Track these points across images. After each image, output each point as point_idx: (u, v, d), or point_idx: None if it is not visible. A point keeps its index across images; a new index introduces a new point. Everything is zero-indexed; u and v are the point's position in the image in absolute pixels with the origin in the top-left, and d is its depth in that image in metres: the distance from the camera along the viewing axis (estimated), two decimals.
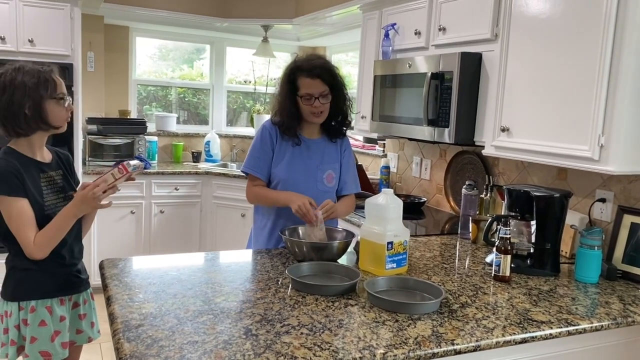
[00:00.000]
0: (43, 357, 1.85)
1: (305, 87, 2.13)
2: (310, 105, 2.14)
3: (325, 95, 2.14)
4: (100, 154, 4.41)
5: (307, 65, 2.15)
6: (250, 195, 2.28)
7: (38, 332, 1.85)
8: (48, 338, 1.86)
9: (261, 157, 2.24)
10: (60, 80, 1.86)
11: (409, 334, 1.40)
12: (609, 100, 1.87)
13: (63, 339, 1.91)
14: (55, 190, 1.90)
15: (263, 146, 2.23)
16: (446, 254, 2.26)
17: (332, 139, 2.30)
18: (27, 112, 1.77)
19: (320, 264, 1.89)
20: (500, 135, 2.34)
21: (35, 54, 3.69)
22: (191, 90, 5.46)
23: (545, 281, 1.95)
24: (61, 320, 1.91)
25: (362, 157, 4.24)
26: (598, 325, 1.58)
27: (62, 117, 1.86)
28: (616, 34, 1.84)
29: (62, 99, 1.84)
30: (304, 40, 5.37)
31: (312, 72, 2.13)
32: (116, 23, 4.84)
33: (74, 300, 2.00)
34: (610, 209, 2.24)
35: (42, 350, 1.85)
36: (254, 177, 2.25)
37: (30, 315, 1.85)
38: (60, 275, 1.92)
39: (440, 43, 2.77)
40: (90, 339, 2.07)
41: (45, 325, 1.86)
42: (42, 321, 1.85)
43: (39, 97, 1.78)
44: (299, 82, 2.15)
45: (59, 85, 1.84)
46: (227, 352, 1.25)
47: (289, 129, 2.21)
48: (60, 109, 1.84)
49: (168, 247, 4.34)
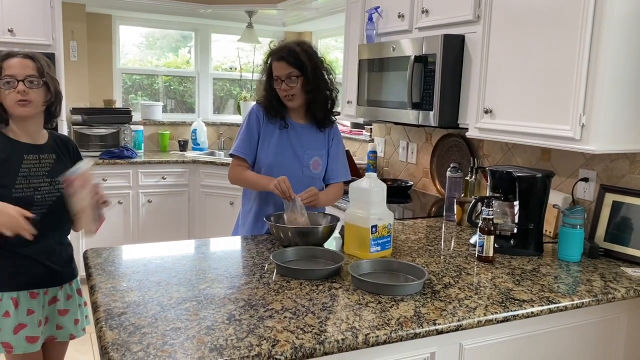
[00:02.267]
0: (4, 347, 1.81)
1: (275, 70, 2.16)
2: (279, 88, 2.16)
3: (292, 78, 2.14)
4: (86, 144, 4.38)
5: (277, 49, 2.18)
6: (232, 176, 2.30)
7: (0, 323, 1.81)
8: (11, 330, 1.82)
9: (246, 139, 2.25)
10: (12, 64, 1.78)
11: (391, 315, 1.42)
12: (590, 80, 1.88)
13: (30, 332, 1.86)
14: (40, 174, 1.85)
15: (249, 129, 2.25)
16: (431, 236, 2.27)
17: (321, 129, 2.30)
18: None
19: (305, 249, 1.89)
20: (483, 117, 2.34)
21: (15, 43, 3.64)
22: (177, 78, 5.42)
23: (529, 261, 1.97)
24: (29, 314, 1.86)
25: (350, 142, 4.24)
26: (579, 303, 1.60)
27: (11, 100, 1.78)
28: (595, 16, 1.84)
29: (6, 82, 1.77)
30: (289, 25, 5.33)
31: (277, 55, 2.16)
32: (98, 11, 4.77)
33: (51, 295, 1.94)
34: (592, 188, 2.26)
35: (4, 341, 1.81)
36: (238, 158, 2.27)
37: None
38: (30, 268, 1.86)
39: (424, 26, 2.76)
40: (72, 336, 2.02)
41: (8, 317, 1.82)
42: (5, 312, 1.82)
43: None
44: (272, 66, 2.17)
45: (4, 70, 1.77)
46: (209, 338, 1.26)
47: (272, 110, 2.22)
48: (5, 93, 1.78)
49: (157, 236, 4.33)
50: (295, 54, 2.14)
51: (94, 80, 4.82)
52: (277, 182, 2.07)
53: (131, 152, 4.43)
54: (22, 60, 1.81)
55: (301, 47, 2.17)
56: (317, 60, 2.19)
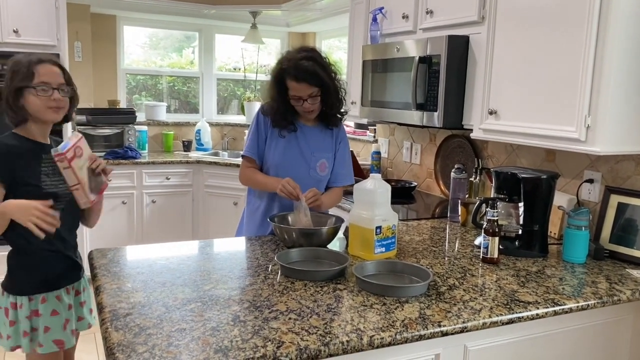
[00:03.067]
0: (57, 345, 1.88)
1: (293, 90, 2.13)
2: (299, 106, 2.16)
3: (314, 97, 2.14)
4: (90, 144, 4.25)
5: (293, 69, 2.10)
6: (242, 177, 2.32)
7: (51, 322, 1.88)
8: (61, 326, 1.90)
9: (254, 139, 2.27)
10: (43, 72, 1.82)
11: (396, 317, 1.41)
12: (595, 81, 1.87)
13: (72, 326, 1.95)
14: (57, 172, 1.85)
15: (257, 129, 2.27)
16: (435, 238, 2.27)
17: (329, 126, 2.30)
18: (10, 101, 1.79)
19: (310, 250, 1.89)
20: (488, 118, 2.34)
21: (20, 44, 3.66)
22: (181, 78, 5.43)
23: (534, 262, 1.96)
24: (69, 309, 1.95)
25: (354, 143, 4.23)
26: (584, 305, 1.60)
27: (40, 107, 1.81)
28: (601, 15, 1.84)
29: (43, 89, 1.80)
30: (293, 26, 5.33)
31: (297, 77, 2.10)
32: (103, 12, 4.79)
33: (75, 288, 2.02)
34: (598, 189, 2.26)
35: (56, 339, 1.88)
36: (248, 159, 2.29)
37: (41, 305, 1.87)
38: (63, 265, 1.94)
39: (428, 26, 2.76)
40: (89, 325, 2.09)
41: (57, 314, 1.89)
42: (53, 310, 1.89)
43: (14, 87, 1.79)
44: (287, 83, 2.14)
45: (37, 76, 1.80)
46: (214, 339, 1.26)
47: (283, 120, 2.21)
48: (39, 99, 1.80)
49: (161, 236, 4.34)
50: (316, 74, 2.10)
51: (98, 81, 4.83)
52: (282, 185, 2.07)
53: (135, 153, 4.43)
54: (53, 68, 1.85)
55: (314, 61, 2.11)
56: (330, 70, 2.17)
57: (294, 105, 2.18)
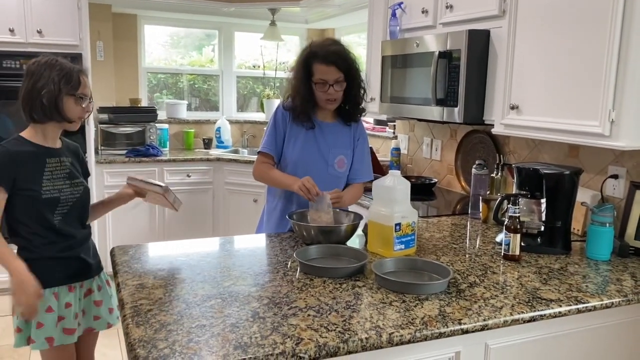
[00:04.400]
0: (47, 342, 1.89)
1: (320, 73, 2.12)
2: (324, 91, 2.13)
3: (340, 82, 2.13)
4: (112, 142, 4.45)
5: (322, 51, 2.12)
6: (256, 172, 2.31)
7: (44, 318, 1.88)
8: (53, 324, 1.90)
9: (272, 136, 2.26)
10: (86, 82, 1.92)
11: (415, 314, 1.41)
12: (619, 74, 1.83)
13: (66, 325, 1.93)
14: (62, 176, 1.93)
15: (275, 125, 2.26)
16: (456, 234, 2.25)
17: (347, 122, 2.29)
18: (44, 100, 1.84)
19: (329, 247, 1.89)
20: (509, 113, 2.30)
21: (44, 44, 3.72)
22: (201, 76, 5.46)
23: (556, 259, 1.93)
24: (66, 307, 1.94)
25: (373, 139, 4.22)
26: (608, 303, 1.57)
27: (76, 114, 1.91)
28: (626, 8, 1.80)
29: (81, 98, 1.90)
30: (312, 22, 5.33)
31: (327, 59, 2.10)
32: (124, 11, 4.84)
33: (86, 287, 2.03)
34: (622, 185, 2.21)
35: (48, 336, 1.89)
36: (264, 154, 2.28)
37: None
38: (66, 263, 1.94)
39: (448, 21, 2.73)
40: (109, 325, 2.10)
41: (51, 312, 1.90)
42: (48, 307, 1.89)
43: (57, 90, 1.84)
44: (313, 67, 2.13)
45: (82, 86, 1.90)
46: (234, 335, 1.27)
47: (302, 113, 2.20)
48: (77, 107, 1.90)
49: (182, 233, 4.38)
50: (346, 59, 2.12)
51: (120, 80, 4.89)
52: (301, 183, 2.07)
53: (156, 150, 4.48)
54: (88, 80, 1.95)
55: (345, 50, 2.14)
56: (356, 61, 2.17)
57: (318, 93, 2.14)
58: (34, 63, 1.88)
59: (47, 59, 1.88)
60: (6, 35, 3.65)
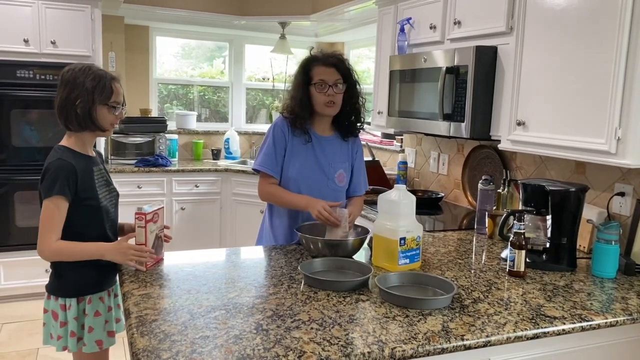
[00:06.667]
0: (98, 345, 1.95)
1: (320, 74, 2.15)
2: (323, 93, 2.14)
3: (339, 85, 2.15)
4: (123, 152, 4.49)
5: (322, 55, 2.19)
6: (264, 194, 2.27)
7: (94, 322, 1.94)
8: (102, 327, 1.96)
9: (274, 154, 2.22)
10: (119, 90, 1.93)
11: (418, 329, 1.41)
12: (626, 92, 1.84)
13: (110, 327, 2.01)
14: (104, 183, 1.98)
15: (276, 143, 2.22)
16: (461, 250, 2.25)
17: (345, 138, 2.29)
18: (79, 110, 1.85)
19: (334, 260, 1.90)
20: (516, 129, 2.31)
21: (57, 55, 3.79)
22: (211, 88, 5.51)
23: (561, 276, 1.93)
24: (109, 311, 2.01)
25: (380, 152, 4.23)
26: (613, 321, 1.56)
27: (109, 122, 1.92)
28: (632, 25, 1.81)
29: (114, 107, 1.91)
30: (321, 36, 5.38)
31: (327, 61, 2.16)
32: (136, 23, 4.91)
33: (114, 291, 2.08)
34: (629, 202, 2.21)
35: (98, 339, 1.95)
36: (266, 175, 2.24)
37: (87, 306, 1.94)
38: (110, 268, 1.98)
39: (456, 37, 2.75)
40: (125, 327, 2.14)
41: (99, 315, 1.96)
42: (96, 311, 1.95)
43: (92, 100, 1.85)
44: (313, 71, 2.16)
45: (115, 94, 1.91)
46: (237, 347, 1.27)
47: (299, 119, 2.18)
48: (110, 115, 1.91)
49: (189, 243, 4.40)
50: (345, 64, 2.18)
51: (131, 90, 4.94)
52: (318, 212, 2.04)
53: (166, 161, 4.52)
54: (121, 88, 1.96)
55: (345, 58, 2.22)
56: (356, 73, 2.23)
57: (317, 95, 2.14)
58: (68, 71, 1.88)
59: (81, 66, 1.89)
60: (21, 45, 3.72)
